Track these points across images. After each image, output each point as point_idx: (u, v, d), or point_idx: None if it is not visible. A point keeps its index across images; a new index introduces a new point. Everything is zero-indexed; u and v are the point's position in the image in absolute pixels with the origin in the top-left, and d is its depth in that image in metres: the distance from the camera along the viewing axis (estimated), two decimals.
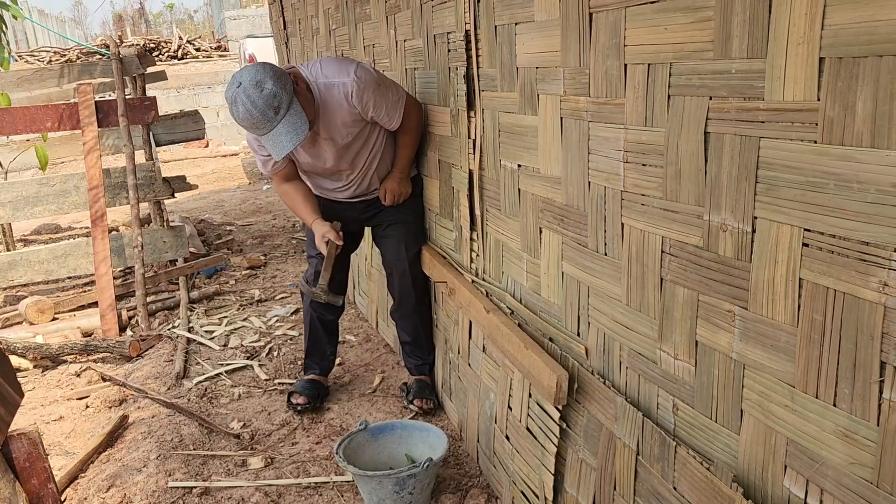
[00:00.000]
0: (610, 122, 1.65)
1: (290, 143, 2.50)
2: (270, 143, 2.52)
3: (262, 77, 2.45)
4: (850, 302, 1.11)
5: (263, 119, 2.45)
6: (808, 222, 1.16)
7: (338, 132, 2.73)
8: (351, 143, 2.79)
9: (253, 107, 2.43)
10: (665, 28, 1.43)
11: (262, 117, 2.44)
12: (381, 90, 2.71)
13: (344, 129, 2.73)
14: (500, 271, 2.42)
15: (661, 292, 1.56)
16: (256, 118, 2.45)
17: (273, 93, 2.44)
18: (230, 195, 8.62)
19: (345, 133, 2.74)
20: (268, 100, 2.43)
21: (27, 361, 3.85)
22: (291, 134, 2.49)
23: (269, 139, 2.52)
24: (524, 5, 1.98)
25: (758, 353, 1.31)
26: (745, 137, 1.26)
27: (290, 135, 2.49)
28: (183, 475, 2.73)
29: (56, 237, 6.76)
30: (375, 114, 2.73)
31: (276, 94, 2.45)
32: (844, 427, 1.15)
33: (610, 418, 1.78)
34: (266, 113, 2.44)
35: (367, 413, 3.14)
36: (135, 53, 5.06)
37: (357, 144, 2.82)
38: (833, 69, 1.08)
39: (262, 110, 2.43)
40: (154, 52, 14.93)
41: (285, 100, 2.47)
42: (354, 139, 2.79)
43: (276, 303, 4.67)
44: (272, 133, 2.49)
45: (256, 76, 2.45)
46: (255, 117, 2.44)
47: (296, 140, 2.50)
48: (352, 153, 2.84)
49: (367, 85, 2.66)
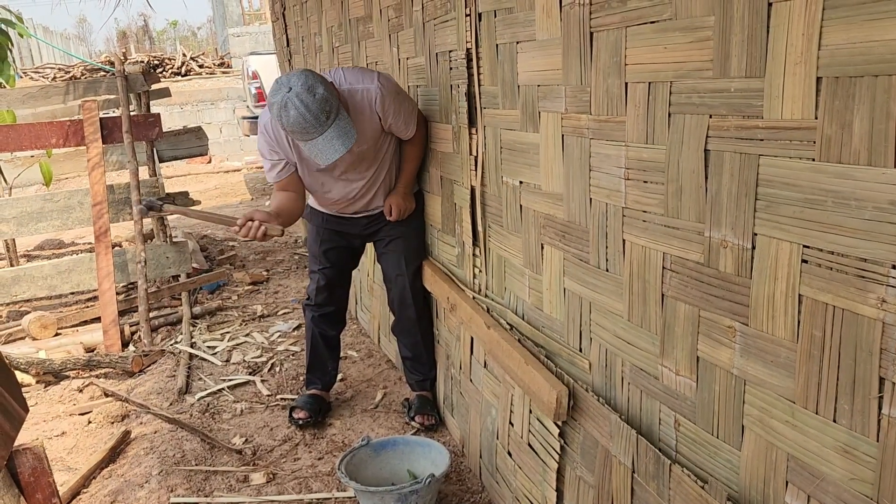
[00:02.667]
0: (611, 140, 1.67)
1: (343, 147, 2.48)
2: (319, 148, 2.49)
3: (314, 82, 2.44)
4: (848, 318, 1.12)
5: (316, 123, 2.43)
6: (807, 239, 1.17)
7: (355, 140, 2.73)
8: (365, 153, 2.81)
9: (307, 111, 2.40)
10: (665, 47, 1.45)
11: (315, 122, 2.42)
12: (400, 99, 2.76)
13: (362, 136, 2.72)
14: (503, 287, 2.43)
15: (663, 308, 1.57)
16: (309, 122, 2.42)
17: (325, 97, 2.43)
18: (233, 211, 8.64)
19: (361, 141, 2.73)
20: (321, 104, 2.42)
21: (30, 377, 3.85)
22: (343, 138, 2.48)
23: (316, 144, 2.48)
24: (525, 24, 2.00)
25: (758, 368, 1.32)
26: (745, 155, 1.28)
27: (340, 139, 2.47)
28: (185, 491, 2.73)
29: (60, 252, 6.78)
30: (394, 121, 2.75)
31: (328, 99, 2.44)
32: (844, 443, 1.15)
33: (605, 436, 1.79)
34: (319, 117, 2.42)
35: (370, 428, 3.14)
36: (139, 70, 5.10)
37: (370, 154, 2.83)
38: (830, 88, 1.10)
39: (316, 115, 2.41)
40: (158, 68, 15.00)
41: (335, 105, 2.47)
42: (369, 148, 2.80)
43: (278, 318, 4.68)
44: (321, 138, 2.47)
45: (308, 81, 2.43)
46: (307, 121, 2.41)
47: (347, 144, 2.49)
48: (363, 163, 2.85)
49: (389, 92, 2.70)
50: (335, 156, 2.50)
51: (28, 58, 19.51)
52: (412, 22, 2.93)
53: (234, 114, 13.34)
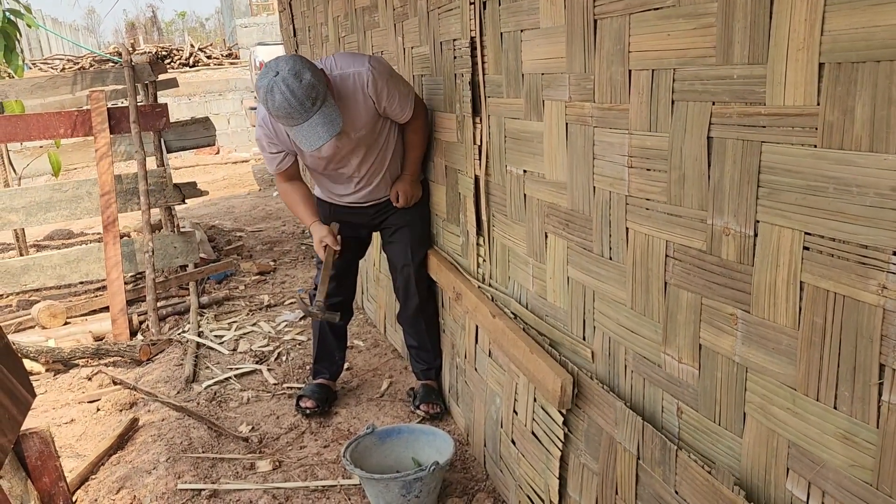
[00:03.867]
0: (614, 128, 1.67)
1: (326, 134, 2.49)
2: (304, 134, 2.49)
3: (301, 68, 2.45)
4: (849, 305, 1.12)
5: (301, 109, 2.43)
6: (809, 226, 1.17)
7: (351, 125, 2.72)
8: (363, 138, 2.80)
9: (292, 96, 2.41)
10: (668, 34, 1.44)
11: (300, 107, 2.43)
12: (393, 80, 2.75)
13: (357, 121, 2.73)
14: (507, 276, 2.44)
15: (665, 296, 1.57)
16: (294, 107, 2.42)
17: (311, 84, 2.44)
18: (240, 201, 8.67)
19: (358, 126, 2.74)
20: (307, 90, 2.42)
21: (39, 365, 3.89)
22: (327, 125, 2.48)
23: (301, 130, 2.49)
24: (529, 12, 2.00)
25: (760, 356, 1.32)
26: (747, 142, 1.28)
27: (325, 126, 2.48)
28: (192, 478, 2.75)
29: (69, 242, 6.82)
30: (388, 104, 2.74)
31: (315, 85, 2.44)
32: (845, 429, 1.15)
33: (610, 423, 1.79)
34: (304, 103, 2.42)
35: (375, 417, 3.15)
36: (146, 61, 5.11)
37: (368, 139, 2.83)
38: (832, 74, 1.10)
39: (301, 100, 2.42)
40: (166, 59, 15.02)
41: (322, 92, 2.47)
42: (367, 133, 2.80)
43: (284, 308, 4.70)
44: (307, 124, 2.47)
45: (295, 66, 2.44)
46: (292, 106, 2.42)
47: (332, 132, 2.49)
48: (363, 149, 2.85)
49: (380, 74, 2.69)
50: (318, 143, 2.50)
51: (37, 49, 19.57)
52: (417, 11, 2.93)
53: (242, 104, 13.36)
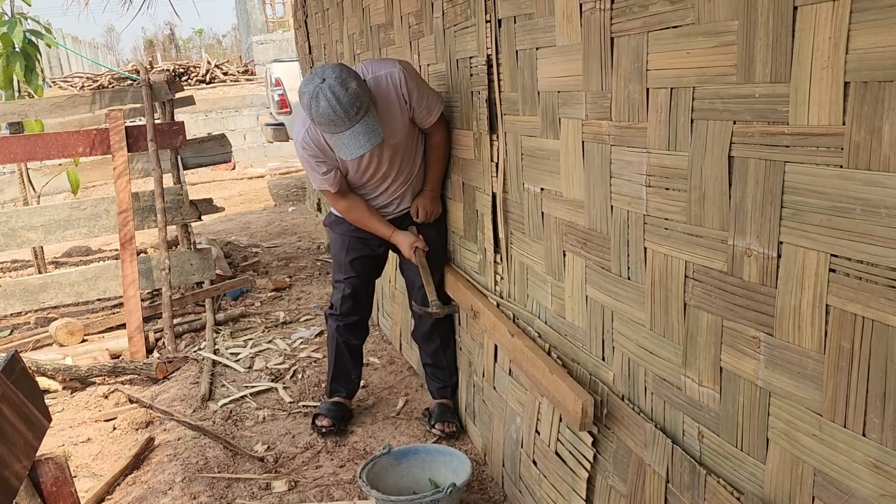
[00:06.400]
0: (632, 146, 1.65)
1: (368, 143, 2.50)
2: (344, 142, 2.51)
3: (347, 76, 2.48)
4: (878, 329, 1.09)
5: (345, 117, 2.45)
6: (835, 248, 1.14)
7: (389, 131, 2.73)
8: (398, 143, 2.82)
9: (338, 103, 2.43)
10: (687, 52, 1.42)
11: (344, 115, 2.45)
12: (422, 82, 2.81)
13: (394, 125, 2.74)
14: (525, 294, 2.41)
15: (685, 317, 1.54)
16: (339, 115, 2.45)
17: (357, 93, 2.46)
18: (256, 217, 8.70)
19: (395, 131, 2.76)
20: (352, 98, 2.45)
21: (56, 383, 3.90)
22: (369, 135, 2.50)
23: (342, 138, 2.51)
24: (545, 30, 1.98)
25: (784, 380, 1.29)
26: (770, 162, 1.25)
27: (367, 135, 2.50)
28: (207, 498, 2.74)
29: (87, 259, 6.86)
30: (418, 104, 2.76)
31: (360, 94, 2.48)
32: (874, 458, 1.12)
33: (639, 445, 1.76)
34: (349, 111, 2.45)
35: (391, 436, 3.13)
36: (164, 79, 5.15)
37: (404, 145, 2.85)
38: (858, 93, 1.07)
39: (346, 108, 2.44)
40: (183, 76, 15.17)
41: (366, 102, 2.50)
42: (402, 138, 2.82)
43: (300, 325, 4.69)
44: (349, 132, 2.49)
45: (342, 75, 2.47)
46: (336, 114, 2.44)
47: (373, 141, 2.51)
48: (400, 156, 2.87)
49: (411, 75, 2.74)
50: (360, 151, 2.51)
51: (57, 67, 19.84)
52: (433, 29, 2.93)
53: (258, 121, 13.43)
